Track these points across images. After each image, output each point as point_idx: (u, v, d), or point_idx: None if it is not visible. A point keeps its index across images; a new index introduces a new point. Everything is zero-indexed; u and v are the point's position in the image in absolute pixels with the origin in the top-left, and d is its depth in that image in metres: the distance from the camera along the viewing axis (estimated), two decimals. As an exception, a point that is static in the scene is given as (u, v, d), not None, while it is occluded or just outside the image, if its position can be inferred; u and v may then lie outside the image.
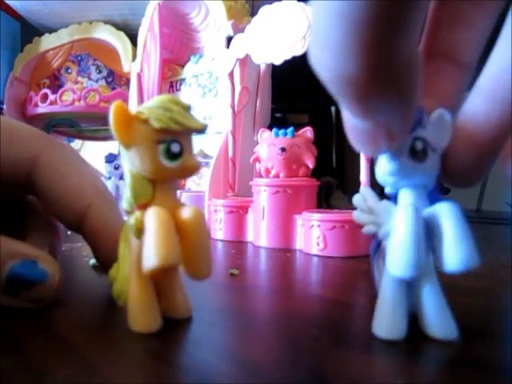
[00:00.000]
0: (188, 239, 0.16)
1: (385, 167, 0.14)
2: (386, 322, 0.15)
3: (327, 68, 0.10)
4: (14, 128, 0.20)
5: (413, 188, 0.15)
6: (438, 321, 0.15)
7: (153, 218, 0.15)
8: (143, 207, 0.16)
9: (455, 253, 0.14)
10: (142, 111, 0.15)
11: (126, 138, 0.15)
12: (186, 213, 0.16)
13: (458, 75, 0.15)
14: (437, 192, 0.15)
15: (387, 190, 0.16)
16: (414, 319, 0.15)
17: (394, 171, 0.14)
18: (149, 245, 0.15)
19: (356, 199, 0.17)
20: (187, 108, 0.16)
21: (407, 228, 0.14)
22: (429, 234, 0.14)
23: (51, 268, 0.17)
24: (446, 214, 0.14)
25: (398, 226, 0.14)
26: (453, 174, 0.15)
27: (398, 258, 0.14)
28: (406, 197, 0.15)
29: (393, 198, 0.16)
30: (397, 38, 0.09)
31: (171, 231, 0.15)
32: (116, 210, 0.20)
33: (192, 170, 0.16)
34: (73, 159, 0.21)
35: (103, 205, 0.20)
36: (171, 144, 0.15)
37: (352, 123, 0.12)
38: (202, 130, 0.16)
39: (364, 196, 0.17)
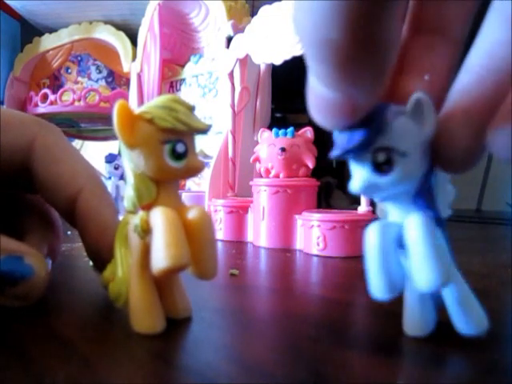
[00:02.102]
0: (195, 239, 0.16)
1: (353, 186, 0.13)
2: (413, 321, 0.15)
3: (309, 31, 0.10)
4: (7, 116, 0.20)
5: (394, 199, 0.14)
6: (466, 317, 0.14)
7: (161, 218, 0.15)
8: (147, 207, 0.16)
9: (421, 274, 0.13)
10: (146, 111, 0.15)
11: (130, 138, 0.15)
12: (192, 213, 0.16)
13: (447, 49, 0.15)
14: (424, 194, 0.14)
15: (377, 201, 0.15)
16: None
17: (361, 190, 0.13)
18: (159, 245, 0.14)
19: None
20: (191, 108, 0.16)
21: (372, 252, 0.13)
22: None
23: (37, 263, 0.17)
24: (411, 231, 0.13)
25: (367, 248, 0.14)
26: (451, 155, 0.13)
27: (371, 281, 0.14)
28: (389, 207, 0.15)
29: None
30: (384, 3, 0.09)
31: (180, 231, 0.15)
32: (107, 196, 0.20)
33: (196, 170, 0.16)
34: (65, 143, 0.21)
35: (95, 189, 0.20)
36: (176, 144, 0.15)
37: (318, 92, 0.12)
38: (206, 130, 0.16)
39: None
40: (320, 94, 0.12)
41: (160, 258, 0.14)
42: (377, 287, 0.13)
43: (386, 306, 0.15)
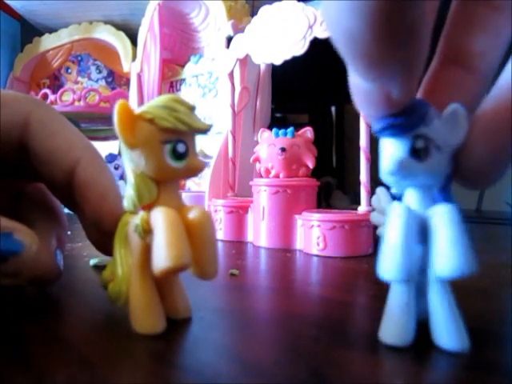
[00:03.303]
0: (196, 239, 0.16)
1: (385, 166, 0.14)
2: (394, 328, 0.14)
3: (335, 24, 0.11)
4: (0, 94, 0.20)
5: (417, 188, 0.15)
6: (448, 331, 0.14)
7: (162, 218, 0.15)
8: (147, 207, 0.16)
9: (448, 259, 0.13)
10: (146, 111, 0.15)
11: (131, 138, 0.15)
12: (193, 213, 0.16)
13: (473, 84, 0.15)
14: (446, 193, 0.14)
15: (393, 191, 0.15)
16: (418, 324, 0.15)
17: (394, 171, 0.14)
18: (160, 245, 0.14)
19: (373, 200, 0.17)
20: (192, 108, 0.16)
21: (397, 231, 0.14)
22: (428, 237, 0.14)
23: (28, 239, 0.16)
24: (440, 217, 0.14)
25: (388, 229, 0.14)
26: (466, 171, 0.14)
27: (386, 262, 0.14)
28: (408, 198, 0.15)
29: (399, 199, 0.15)
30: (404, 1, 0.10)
31: (182, 231, 0.15)
32: (104, 165, 0.20)
33: (197, 169, 0.16)
34: (59, 117, 0.21)
35: (92, 159, 0.20)
36: (177, 144, 0.15)
37: (356, 83, 0.13)
38: (206, 130, 0.16)
39: (378, 197, 0.17)
40: (358, 85, 0.13)
41: (161, 259, 0.14)
42: (392, 268, 0.14)
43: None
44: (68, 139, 0.20)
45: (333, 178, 0.84)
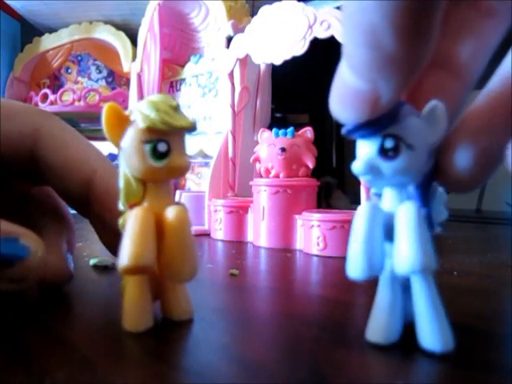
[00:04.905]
0: (168, 239, 0.16)
1: (355, 167, 0.14)
2: (378, 326, 0.14)
3: (358, 18, 0.11)
4: (12, 105, 0.20)
5: (393, 187, 0.15)
6: (430, 332, 0.13)
7: (131, 218, 0.15)
8: (133, 207, 0.16)
9: (403, 256, 0.13)
10: (131, 111, 0.16)
11: (117, 138, 0.16)
12: (168, 213, 0.16)
13: (458, 88, 0.15)
14: (424, 191, 0.14)
15: (373, 190, 0.16)
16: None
17: (363, 171, 0.14)
18: (124, 245, 0.15)
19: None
20: (175, 107, 0.16)
21: (360, 230, 0.14)
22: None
23: (34, 244, 0.16)
24: (402, 213, 0.14)
25: (354, 227, 0.14)
26: (451, 173, 0.14)
27: (350, 259, 0.14)
28: (385, 197, 0.15)
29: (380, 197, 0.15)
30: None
31: (147, 232, 0.15)
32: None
33: (180, 169, 0.16)
34: (71, 129, 0.21)
35: (109, 170, 0.20)
36: (158, 144, 0.15)
37: (346, 79, 0.12)
38: (190, 128, 0.16)
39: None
40: (347, 82, 0.12)
41: (122, 257, 0.15)
42: (355, 266, 0.14)
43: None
44: (81, 151, 0.20)
45: (333, 178, 0.84)
